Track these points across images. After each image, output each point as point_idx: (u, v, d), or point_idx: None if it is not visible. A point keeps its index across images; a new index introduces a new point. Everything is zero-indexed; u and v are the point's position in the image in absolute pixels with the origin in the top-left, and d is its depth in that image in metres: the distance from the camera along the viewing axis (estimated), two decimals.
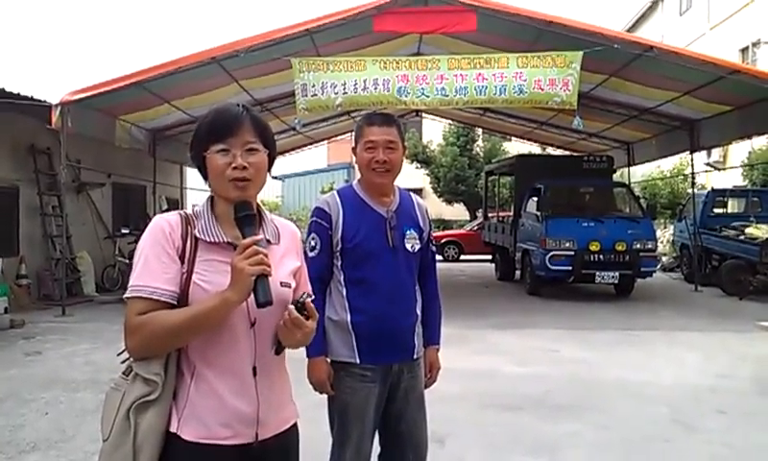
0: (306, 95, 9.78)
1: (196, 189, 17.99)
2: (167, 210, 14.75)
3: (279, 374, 1.72)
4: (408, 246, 2.45)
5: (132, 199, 14.72)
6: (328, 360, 2.46)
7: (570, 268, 10.86)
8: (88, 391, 5.48)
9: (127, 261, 11.78)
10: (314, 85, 9.72)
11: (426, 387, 2.61)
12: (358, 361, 2.40)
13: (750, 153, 16.20)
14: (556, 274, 11.07)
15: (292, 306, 1.56)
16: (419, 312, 2.52)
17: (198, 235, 1.58)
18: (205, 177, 1.64)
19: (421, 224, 2.53)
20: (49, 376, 6.05)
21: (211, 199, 1.67)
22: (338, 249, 2.41)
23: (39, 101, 9.84)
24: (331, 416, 2.50)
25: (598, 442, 4.38)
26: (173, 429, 1.54)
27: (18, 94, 9.56)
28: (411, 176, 24.52)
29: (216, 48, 9.57)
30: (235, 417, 1.58)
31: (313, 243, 2.43)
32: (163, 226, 1.58)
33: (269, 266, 1.49)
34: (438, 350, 2.66)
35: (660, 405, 5.15)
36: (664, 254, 16.29)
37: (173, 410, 1.56)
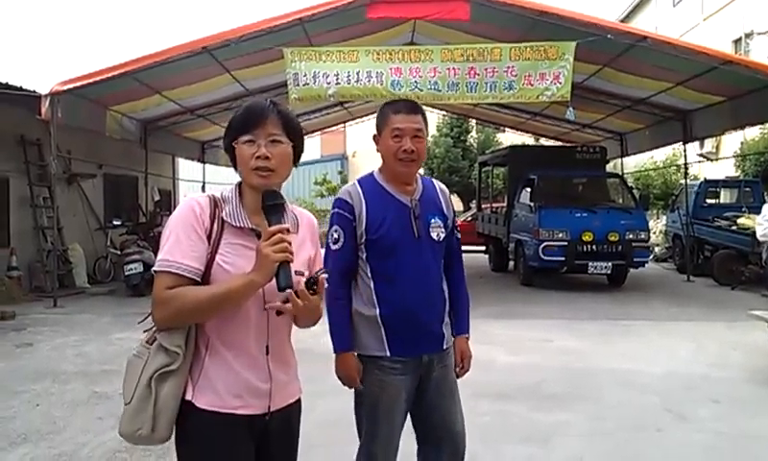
0: (298, 84, 9.75)
1: (188, 180, 17.95)
2: (159, 202, 14.62)
3: (289, 352, 1.85)
4: (433, 235, 2.39)
5: (124, 190, 14.61)
6: (356, 355, 2.42)
7: (563, 258, 10.88)
8: (79, 382, 5.45)
9: (119, 252, 11.70)
10: (305, 75, 9.69)
11: (458, 377, 2.55)
12: (388, 354, 2.35)
13: (742, 143, 16.26)
14: (549, 264, 11.08)
15: (303, 279, 1.65)
16: (446, 301, 2.48)
17: (225, 219, 1.69)
18: (234, 165, 1.76)
19: (446, 211, 2.48)
20: (40, 367, 6.01)
21: (239, 186, 1.78)
22: (362, 241, 2.35)
23: (29, 91, 9.75)
24: (359, 411, 2.46)
25: (591, 431, 4.39)
26: (188, 397, 1.67)
27: (7, 84, 9.48)
28: None
29: (207, 38, 9.50)
30: (246, 389, 1.70)
31: (336, 236, 2.37)
32: (194, 206, 1.69)
33: (292, 253, 1.60)
34: (467, 338, 2.60)
35: (653, 394, 5.18)
36: (657, 245, 16.34)
37: (189, 380, 1.68)
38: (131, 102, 11.35)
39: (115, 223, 12.81)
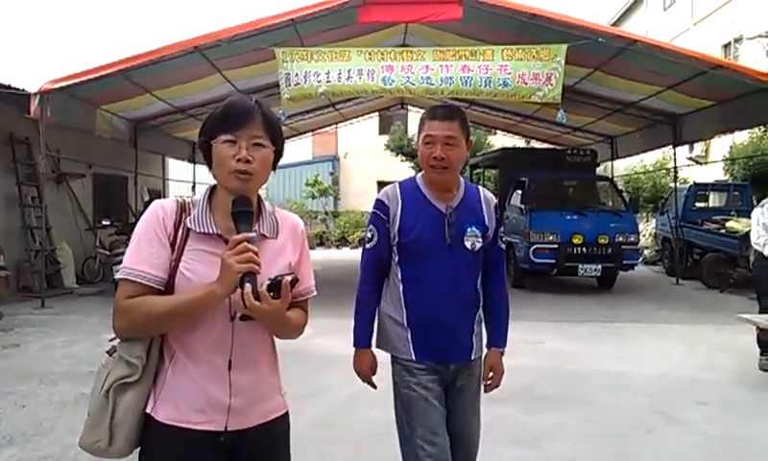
0: (290, 84, 9.71)
1: (178, 181, 17.86)
2: (149, 202, 14.52)
3: (262, 366, 1.71)
4: (467, 244, 2.35)
5: (114, 190, 14.53)
6: (374, 351, 2.47)
7: (554, 261, 10.91)
8: (67, 383, 5.40)
9: (108, 253, 11.62)
10: (297, 74, 9.66)
11: (486, 391, 2.55)
12: (414, 358, 2.35)
13: (731, 147, 16.36)
14: (540, 266, 11.11)
15: (267, 281, 1.53)
16: (479, 313, 2.46)
17: (188, 225, 1.60)
18: (210, 165, 1.66)
19: (486, 222, 2.43)
20: (27, 368, 5.96)
21: (212, 189, 1.69)
22: (395, 242, 2.36)
23: (18, 89, 9.66)
24: (397, 412, 2.43)
25: (582, 432, 4.40)
26: (148, 410, 1.60)
27: None
28: (397, 168, 24.54)
29: (199, 37, 9.45)
30: (209, 403, 1.60)
31: (370, 235, 2.41)
32: (158, 211, 1.61)
33: (258, 264, 1.49)
34: (502, 353, 2.54)
35: (643, 396, 5.20)
36: (646, 248, 16.43)
37: (151, 392, 1.61)
38: (121, 101, 11.27)
39: (104, 223, 12.72)
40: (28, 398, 5.04)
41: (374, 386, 2.48)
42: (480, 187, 2.55)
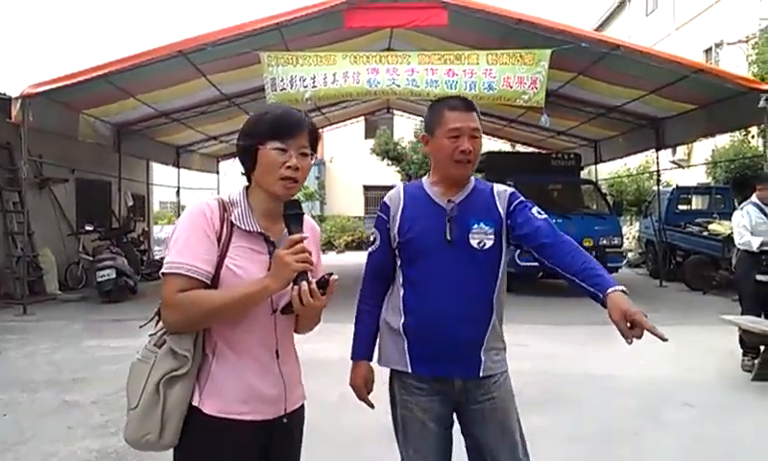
0: (276, 90, 9.68)
1: (162, 185, 17.72)
2: (132, 207, 14.30)
3: (293, 356, 1.87)
4: (474, 242, 2.14)
5: (97, 195, 14.38)
6: (372, 365, 2.29)
7: (539, 264, 10.93)
8: (48, 391, 5.32)
9: (91, 259, 11.49)
10: (283, 79, 9.64)
11: (654, 333, 1.91)
12: (410, 370, 2.15)
13: (713, 151, 16.56)
14: (525, 270, 11.13)
15: (314, 279, 1.63)
16: (493, 322, 2.23)
17: (234, 222, 1.70)
18: (248, 167, 1.74)
19: (501, 214, 2.20)
20: (8, 376, 5.86)
21: (245, 189, 1.78)
22: (395, 244, 2.20)
23: None
24: (396, 431, 2.27)
25: (569, 436, 4.41)
26: (194, 403, 1.66)
27: None
28: (382, 172, 24.56)
29: (183, 41, 9.42)
30: (254, 395, 1.69)
31: (373, 238, 2.28)
32: (204, 209, 1.68)
33: (311, 264, 1.63)
34: (623, 290, 2.00)
35: (629, 398, 5.22)
36: (630, 251, 16.56)
37: (195, 385, 1.67)
38: (104, 105, 11.19)
39: (87, 228, 12.59)
40: (9, 406, 4.96)
41: (371, 405, 2.27)
42: (494, 184, 2.34)
